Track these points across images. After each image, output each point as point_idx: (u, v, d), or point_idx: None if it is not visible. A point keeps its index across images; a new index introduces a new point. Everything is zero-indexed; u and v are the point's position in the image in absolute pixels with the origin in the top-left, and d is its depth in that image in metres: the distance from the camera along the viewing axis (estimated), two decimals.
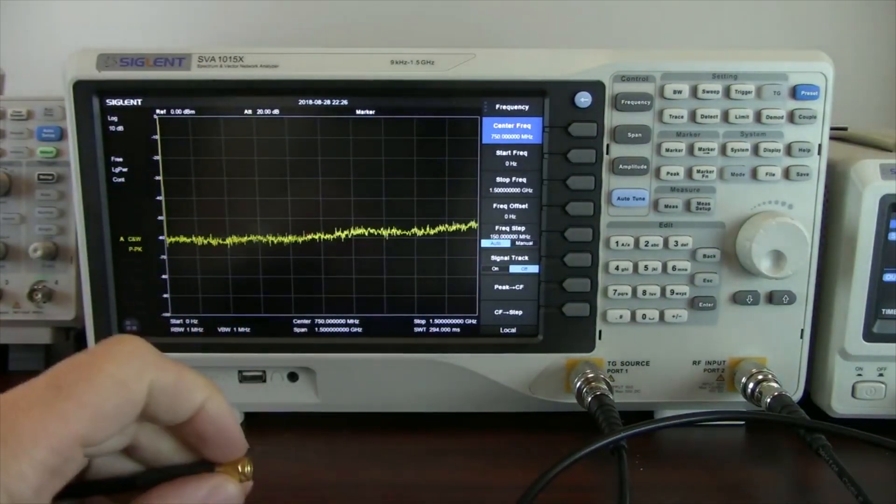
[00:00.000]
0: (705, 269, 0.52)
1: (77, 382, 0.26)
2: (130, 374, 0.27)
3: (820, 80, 0.50)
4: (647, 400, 0.54)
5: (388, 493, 0.47)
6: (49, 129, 0.59)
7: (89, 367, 0.27)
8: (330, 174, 0.51)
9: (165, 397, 0.28)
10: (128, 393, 0.27)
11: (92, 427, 0.26)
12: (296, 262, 0.52)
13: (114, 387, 0.27)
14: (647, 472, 0.49)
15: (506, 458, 0.51)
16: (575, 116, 0.50)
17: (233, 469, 0.31)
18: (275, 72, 0.49)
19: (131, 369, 0.27)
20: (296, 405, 0.55)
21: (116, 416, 0.27)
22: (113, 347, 0.28)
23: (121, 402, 0.27)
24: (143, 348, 0.28)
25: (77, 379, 0.26)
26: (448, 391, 0.54)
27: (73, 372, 0.27)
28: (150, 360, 0.28)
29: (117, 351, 0.28)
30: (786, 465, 0.51)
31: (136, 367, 0.27)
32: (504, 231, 0.52)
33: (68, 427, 0.25)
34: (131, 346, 0.28)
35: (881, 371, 0.53)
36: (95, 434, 0.26)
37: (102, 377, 0.27)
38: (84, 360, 0.27)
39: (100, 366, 0.27)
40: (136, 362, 0.28)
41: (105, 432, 0.27)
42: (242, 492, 0.32)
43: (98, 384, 0.26)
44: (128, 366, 0.27)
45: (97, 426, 0.26)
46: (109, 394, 0.26)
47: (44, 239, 0.60)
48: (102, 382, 0.26)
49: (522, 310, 0.53)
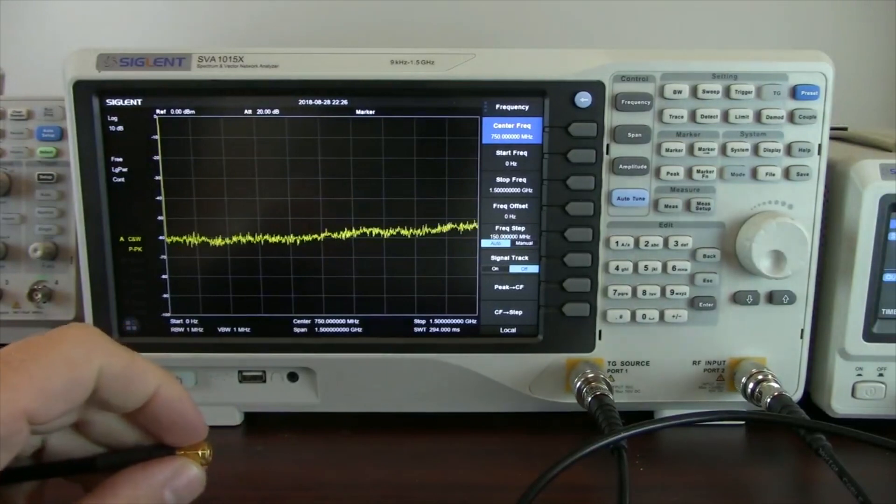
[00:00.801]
0: (705, 269, 0.52)
1: (28, 359, 0.27)
2: (80, 356, 0.28)
3: (820, 80, 0.50)
4: (647, 400, 0.54)
5: (388, 493, 0.47)
6: (49, 129, 0.59)
7: (39, 346, 0.28)
8: (330, 174, 0.51)
9: (115, 382, 0.29)
10: (76, 373, 0.28)
11: (38, 403, 0.27)
12: (296, 262, 0.52)
13: (63, 366, 0.27)
14: (647, 472, 0.49)
15: (506, 458, 0.51)
16: (575, 116, 0.50)
17: (193, 453, 0.32)
18: (275, 72, 0.49)
19: (81, 351, 0.28)
20: (296, 405, 0.55)
21: (64, 396, 0.27)
22: (65, 331, 0.29)
23: (68, 381, 0.27)
24: (95, 334, 0.29)
25: (27, 356, 0.27)
26: (448, 391, 0.54)
27: (24, 350, 0.28)
28: (101, 346, 0.29)
29: (69, 335, 0.29)
30: (786, 465, 0.51)
31: (86, 349, 0.28)
32: (504, 231, 0.52)
33: (15, 399, 0.26)
34: (83, 331, 0.29)
35: (881, 371, 0.53)
36: (41, 411, 0.27)
37: (52, 355, 0.27)
38: (36, 340, 0.28)
39: (51, 346, 0.28)
40: (87, 345, 0.28)
41: (51, 410, 0.27)
42: (204, 475, 0.32)
43: (47, 362, 0.27)
44: (78, 348, 0.28)
45: (44, 403, 0.27)
46: (58, 372, 0.27)
47: (44, 239, 0.60)
48: (52, 361, 0.27)
49: (522, 310, 0.53)
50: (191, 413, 0.32)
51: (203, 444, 0.32)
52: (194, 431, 0.32)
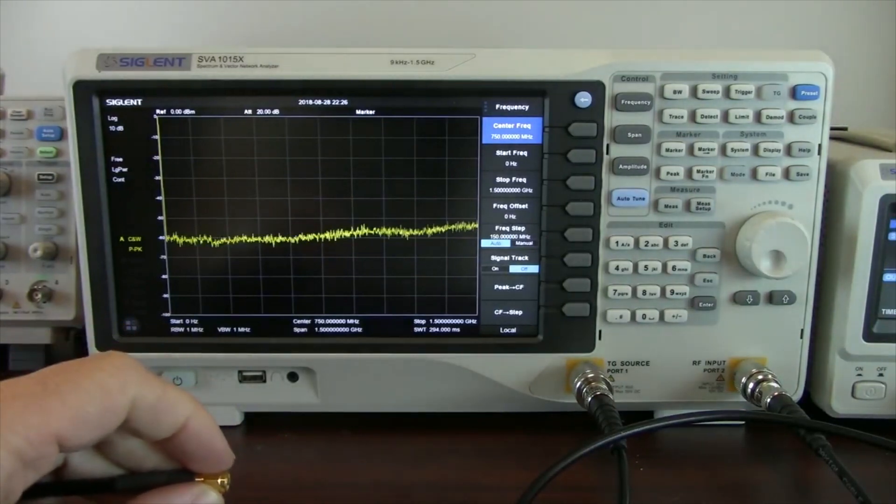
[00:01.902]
0: (705, 269, 0.52)
1: (64, 383, 0.28)
2: (115, 385, 0.28)
3: (820, 80, 0.50)
4: (647, 400, 0.54)
5: (388, 493, 0.47)
6: (49, 129, 0.59)
7: (77, 372, 0.28)
8: (330, 174, 0.51)
9: (147, 413, 0.29)
10: (110, 402, 0.28)
11: (70, 427, 0.27)
12: (296, 262, 0.52)
13: (98, 393, 0.28)
14: (647, 472, 0.49)
15: (506, 458, 0.51)
16: (575, 116, 0.50)
17: (213, 480, 0.32)
18: (275, 72, 0.49)
19: (117, 381, 0.29)
20: (296, 405, 0.55)
21: (96, 423, 0.28)
22: (103, 359, 0.29)
23: (102, 409, 0.28)
24: (131, 364, 0.30)
25: (64, 380, 0.28)
26: (448, 391, 0.54)
27: (62, 374, 0.28)
28: (136, 376, 0.29)
29: (107, 363, 0.29)
30: (786, 465, 0.51)
31: (121, 379, 0.29)
32: (504, 231, 0.52)
33: (48, 422, 0.26)
34: (120, 360, 0.30)
35: (881, 371, 0.53)
36: (73, 436, 0.27)
37: (88, 382, 0.28)
38: (74, 365, 0.29)
39: (88, 372, 0.28)
40: (122, 375, 0.29)
41: (82, 437, 0.28)
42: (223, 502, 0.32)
43: (83, 388, 0.28)
44: (114, 377, 0.29)
45: (76, 428, 0.27)
46: (92, 399, 0.28)
47: (44, 239, 0.60)
48: (88, 387, 0.28)
49: (522, 310, 0.53)
50: (218, 444, 0.32)
51: (224, 473, 0.32)
52: (220, 461, 0.32)
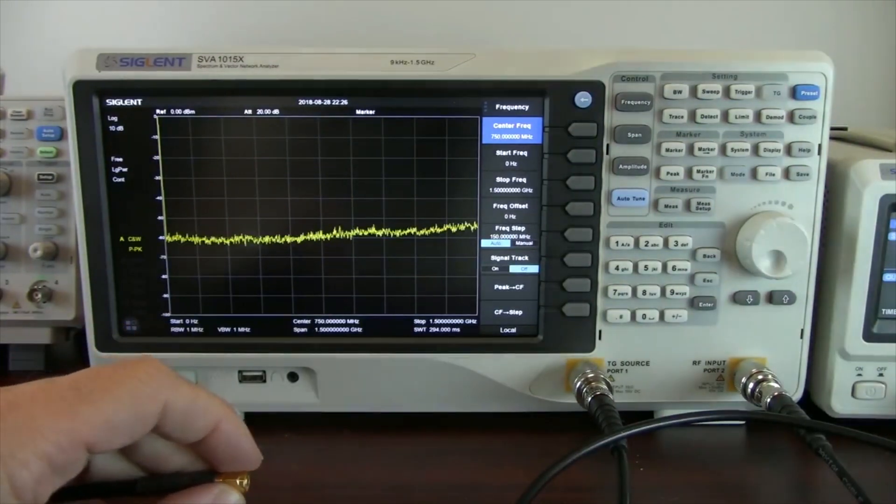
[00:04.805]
0: (705, 269, 0.52)
1: (96, 390, 0.28)
2: (147, 393, 0.29)
3: (820, 80, 0.50)
4: (647, 400, 0.54)
5: (388, 493, 0.47)
6: (49, 129, 0.59)
7: (110, 378, 0.28)
8: (330, 174, 0.51)
9: (179, 417, 0.30)
10: (142, 410, 0.28)
11: (101, 434, 0.27)
12: (296, 262, 0.52)
13: (130, 401, 0.28)
14: (647, 472, 0.49)
15: (506, 458, 0.51)
16: (575, 116, 0.50)
17: (232, 480, 0.32)
18: (275, 72, 0.49)
19: (149, 388, 0.29)
20: (296, 405, 0.55)
21: (126, 430, 0.28)
22: (136, 366, 0.29)
23: (133, 417, 0.28)
24: (163, 371, 0.30)
25: (97, 387, 0.28)
26: (448, 391, 0.54)
27: (95, 380, 0.28)
28: (168, 382, 0.30)
29: (140, 369, 0.29)
30: (786, 465, 0.51)
31: (154, 387, 0.29)
32: (504, 231, 0.52)
33: (79, 429, 0.26)
34: (153, 367, 0.30)
35: (881, 371, 0.53)
36: (102, 442, 0.27)
37: (121, 390, 0.28)
38: (107, 371, 0.29)
39: (120, 379, 0.28)
40: (155, 383, 0.29)
41: (112, 443, 0.28)
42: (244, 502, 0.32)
43: (116, 395, 0.28)
44: (147, 385, 0.29)
45: (106, 435, 0.27)
46: (124, 407, 0.28)
47: (44, 239, 0.60)
48: (120, 395, 0.28)
49: (522, 310, 0.53)
50: (247, 446, 0.32)
51: (243, 474, 0.33)
52: (248, 462, 0.33)
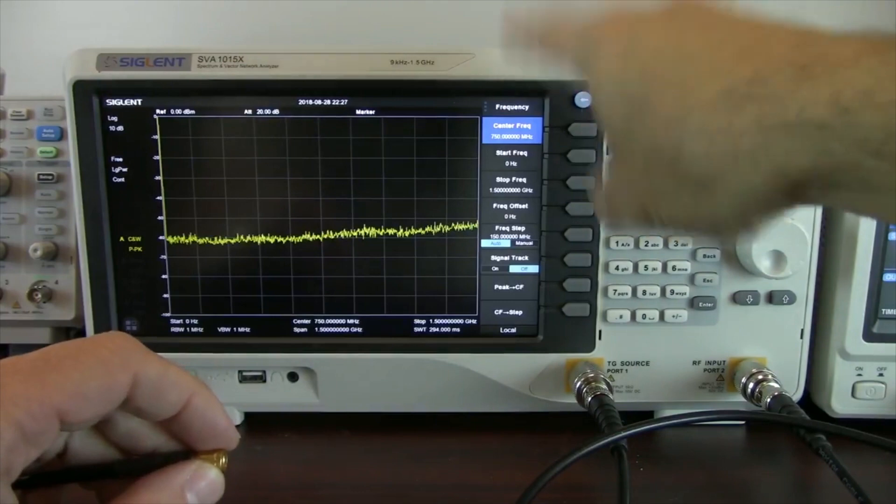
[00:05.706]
0: (705, 269, 0.52)
1: (66, 358, 0.28)
2: (116, 362, 0.29)
3: None
4: (647, 400, 0.54)
5: (388, 493, 0.47)
6: (49, 129, 0.59)
7: (80, 349, 0.29)
8: (330, 174, 0.51)
9: (150, 390, 0.30)
10: (111, 378, 0.28)
11: (72, 402, 0.27)
12: (296, 262, 0.52)
13: (99, 369, 0.28)
14: (647, 472, 0.49)
15: (506, 458, 0.51)
16: (575, 116, 0.50)
17: (209, 457, 0.32)
18: (275, 72, 0.49)
19: (119, 358, 0.29)
20: (296, 405, 0.55)
21: (97, 399, 0.28)
22: (106, 337, 0.30)
23: (103, 385, 0.28)
24: (133, 342, 0.30)
25: (66, 356, 0.28)
26: (448, 391, 0.54)
27: (63, 350, 0.28)
28: (138, 353, 0.30)
29: (109, 340, 0.29)
30: (786, 465, 0.51)
31: (123, 356, 0.29)
32: (504, 231, 0.52)
33: (49, 396, 0.27)
34: (121, 339, 0.30)
35: (881, 371, 0.53)
36: (74, 411, 0.27)
37: (91, 359, 0.28)
38: (76, 343, 0.29)
39: (90, 349, 0.29)
40: (125, 353, 0.29)
41: (83, 412, 0.28)
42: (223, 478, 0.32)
43: (84, 364, 0.28)
44: (116, 354, 0.29)
45: (77, 403, 0.27)
46: (94, 375, 0.28)
47: (44, 239, 0.60)
48: (89, 363, 0.28)
49: (522, 310, 0.53)
50: (221, 421, 0.32)
51: (221, 451, 0.32)
52: (224, 439, 0.32)
